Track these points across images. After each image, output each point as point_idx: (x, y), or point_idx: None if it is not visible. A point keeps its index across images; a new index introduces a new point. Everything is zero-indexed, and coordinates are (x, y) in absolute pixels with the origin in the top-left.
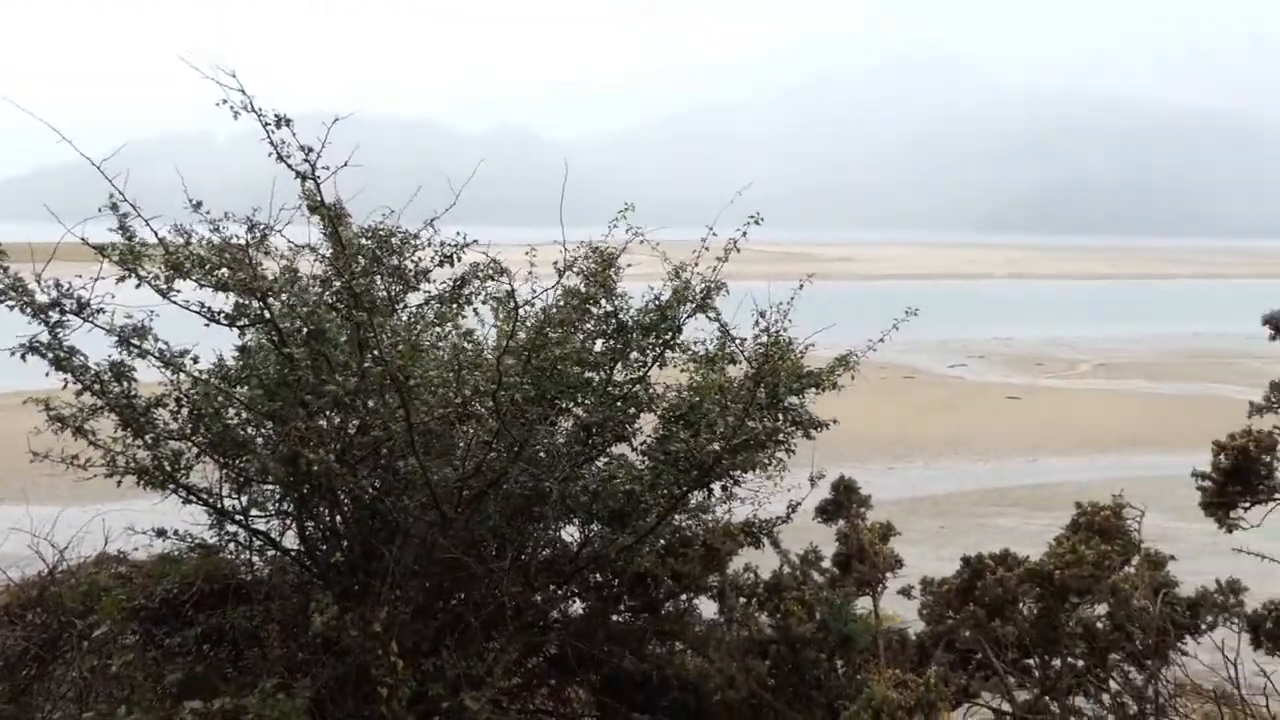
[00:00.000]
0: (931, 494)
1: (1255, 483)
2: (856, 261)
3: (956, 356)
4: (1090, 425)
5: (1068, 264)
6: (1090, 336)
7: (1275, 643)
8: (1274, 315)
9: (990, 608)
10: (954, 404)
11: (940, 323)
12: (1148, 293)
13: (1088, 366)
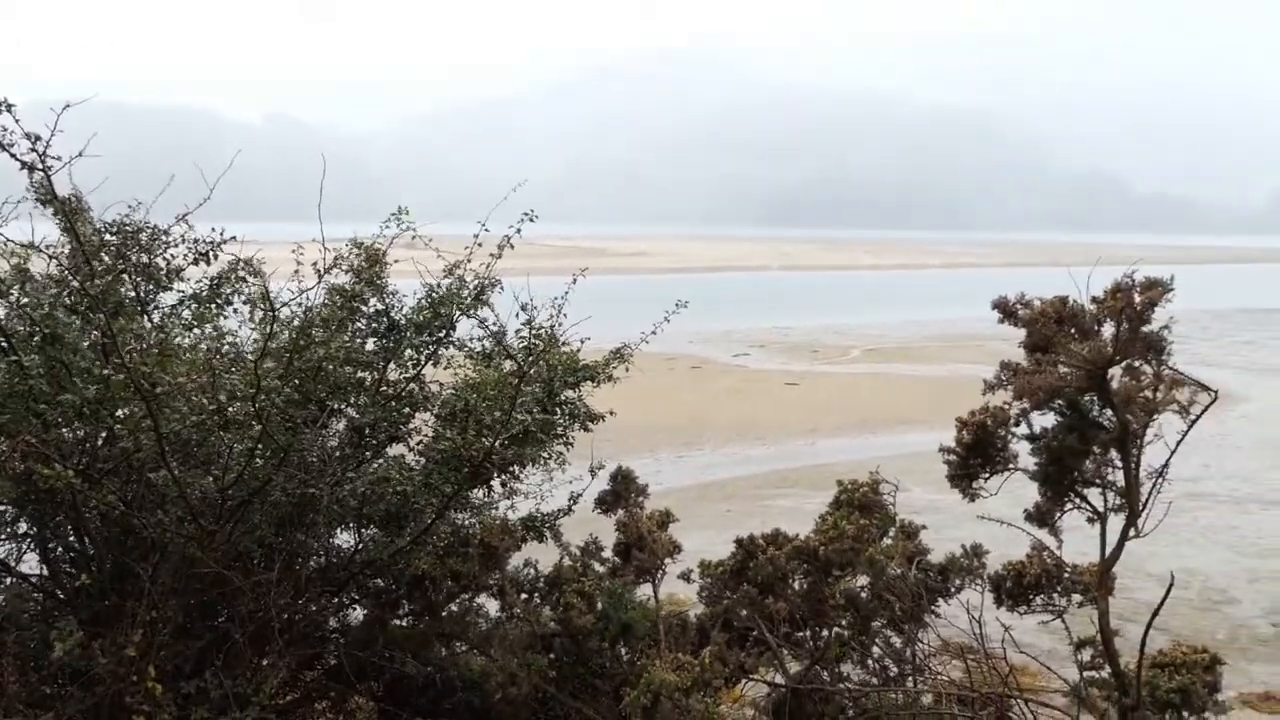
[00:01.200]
0: (719, 479)
1: (993, 454)
2: (649, 255)
3: (740, 346)
4: (862, 407)
5: (837, 256)
6: (859, 324)
7: (1014, 600)
8: (1002, 300)
9: (762, 586)
10: (738, 392)
11: (724, 314)
12: (908, 282)
13: (858, 352)
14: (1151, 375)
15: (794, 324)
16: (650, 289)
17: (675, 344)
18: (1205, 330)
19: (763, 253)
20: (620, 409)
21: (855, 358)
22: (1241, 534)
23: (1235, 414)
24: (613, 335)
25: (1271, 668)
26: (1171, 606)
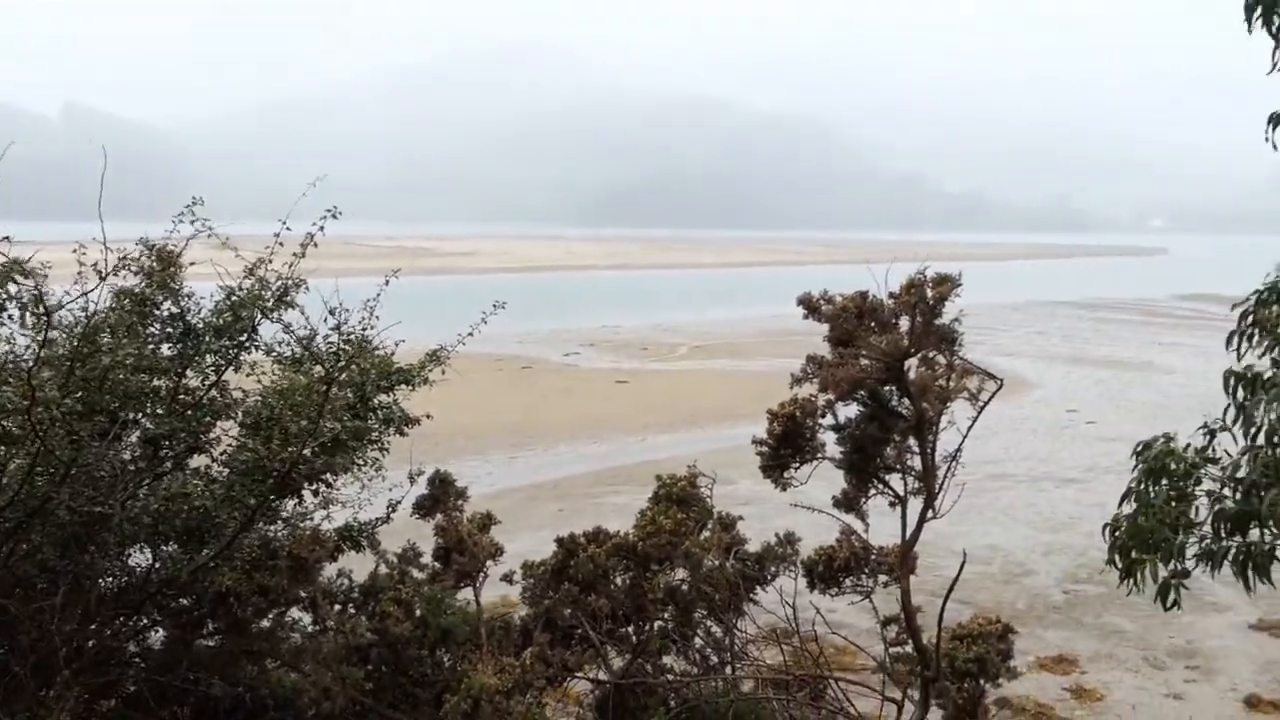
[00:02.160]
0: (552, 478)
1: (803, 445)
2: (477, 255)
3: (570, 345)
4: (691, 402)
5: (665, 255)
6: (688, 322)
7: (826, 583)
8: (805, 296)
9: (584, 584)
10: (570, 391)
11: (554, 314)
12: (735, 280)
13: (686, 349)
14: (945, 365)
15: (624, 323)
16: (479, 290)
17: (505, 345)
18: (1004, 322)
19: (593, 252)
20: (449, 411)
21: (684, 355)
22: (1038, 510)
23: (1031, 399)
24: (436, 338)
25: (1064, 632)
26: (977, 581)
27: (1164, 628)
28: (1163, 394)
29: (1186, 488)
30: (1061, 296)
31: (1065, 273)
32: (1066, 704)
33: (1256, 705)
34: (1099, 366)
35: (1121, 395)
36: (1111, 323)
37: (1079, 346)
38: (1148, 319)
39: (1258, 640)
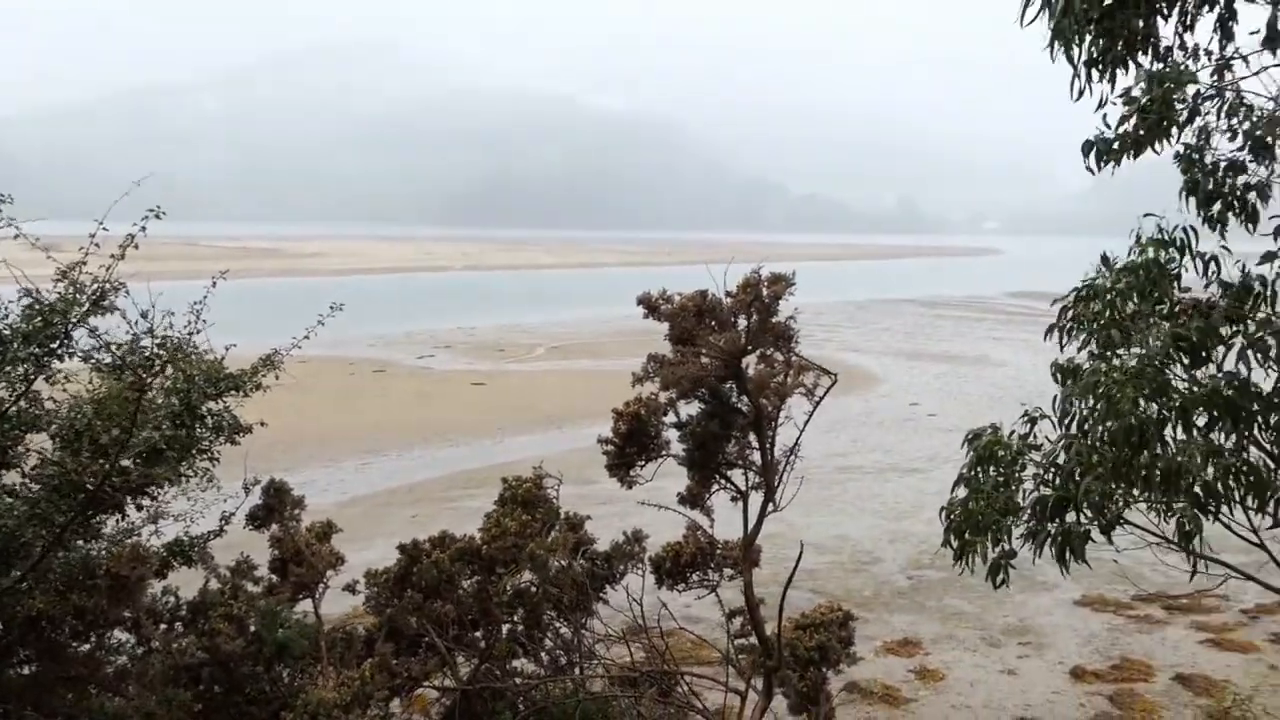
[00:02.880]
0: (406, 483)
1: (648, 443)
2: (327, 256)
3: (424, 348)
4: (548, 403)
5: (521, 255)
6: (545, 322)
7: (674, 579)
8: (645, 296)
9: (428, 590)
10: (425, 394)
11: (407, 316)
12: (592, 280)
13: (543, 350)
14: (783, 362)
15: (480, 324)
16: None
17: (357, 348)
18: (852, 319)
19: (446, 252)
20: (300, 418)
21: (542, 355)
22: (884, 500)
23: (877, 394)
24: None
25: (909, 616)
26: (828, 571)
27: (999, 607)
28: (997, 386)
29: (1012, 473)
30: (904, 295)
31: (907, 272)
32: (911, 685)
33: (1081, 676)
34: (939, 361)
35: (959, 388)
36: (949, 319)
37: (920, 342)
38: (982, 315)
39: (1082, 615)
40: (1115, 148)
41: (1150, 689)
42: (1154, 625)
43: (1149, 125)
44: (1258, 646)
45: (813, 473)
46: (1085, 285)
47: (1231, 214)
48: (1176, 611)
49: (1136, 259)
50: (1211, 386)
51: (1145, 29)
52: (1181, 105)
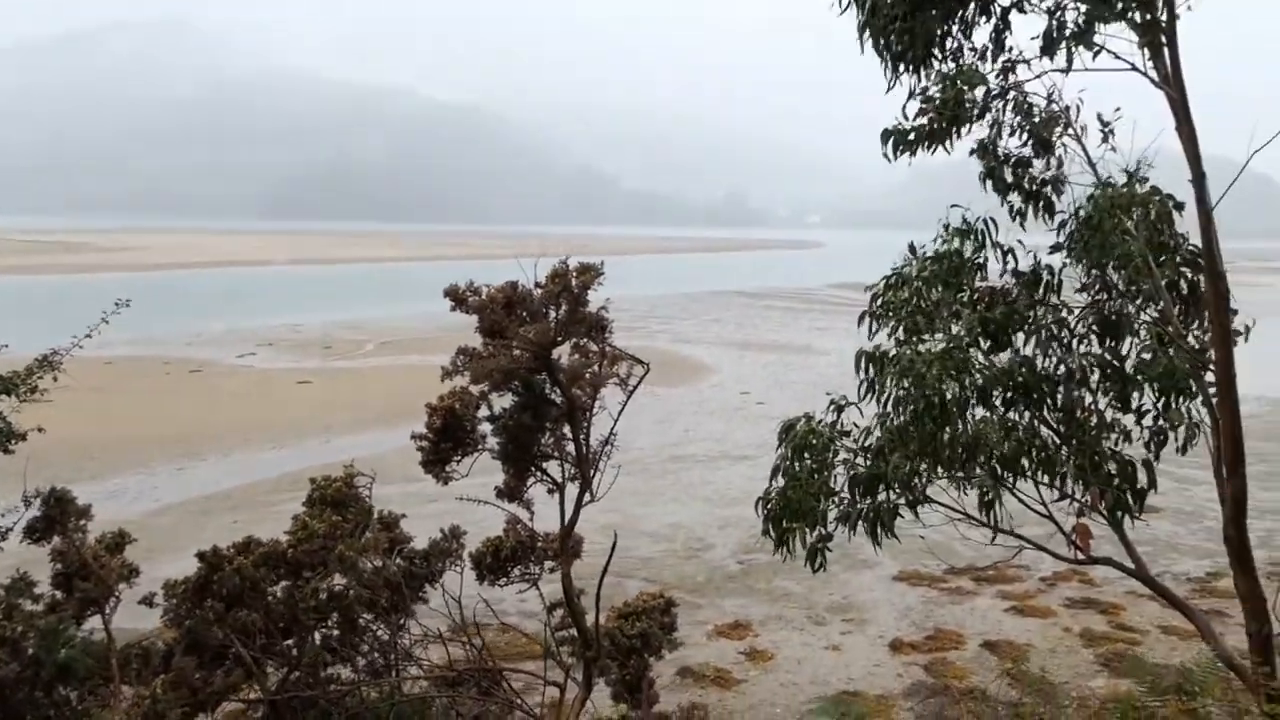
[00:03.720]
0: (226, 489)
1: (464, 437)
2: (139, 251)
3: (246, 346)
4: (379, 400)
5: (348, 249)
6: (374, 317)
7: (494, 574)
8: (452, 288)
9: (230, 598)
10: (246, 394)
11: (227, 313)
12: (423, 274)
13: (373, 346)
14: (596, 352)
15: (305, 320)
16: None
17: (172, 347)
18: (685, 311)
19: (267, 246)
20: (106, 422)
21: (371, 351)
22: (716, 488)
23: (709, 384)
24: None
25: (740, 600)
26: (662, 559)
27: (825, 587)
28: (820, 374)
29: (826, 459)
30: (735, 287)
31: (737, 265)
32: (742, 666)
33: (899, 648)
34: (767, 351)
35: (786, 376)
36: (777, 310)
37: (750, 333)
38: (808, 306)
39: (899, 590)
40: (911, 138)
41: (961, 656)
42: (964, 596)
43: (945, 119)
44: (1054, 611)
45: (647, 463)
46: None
47: (1030, 206)
48: (984, 582)
49: (941, 248)
50: (1008, 368)
51: (942, 32)
52: (970, 104)
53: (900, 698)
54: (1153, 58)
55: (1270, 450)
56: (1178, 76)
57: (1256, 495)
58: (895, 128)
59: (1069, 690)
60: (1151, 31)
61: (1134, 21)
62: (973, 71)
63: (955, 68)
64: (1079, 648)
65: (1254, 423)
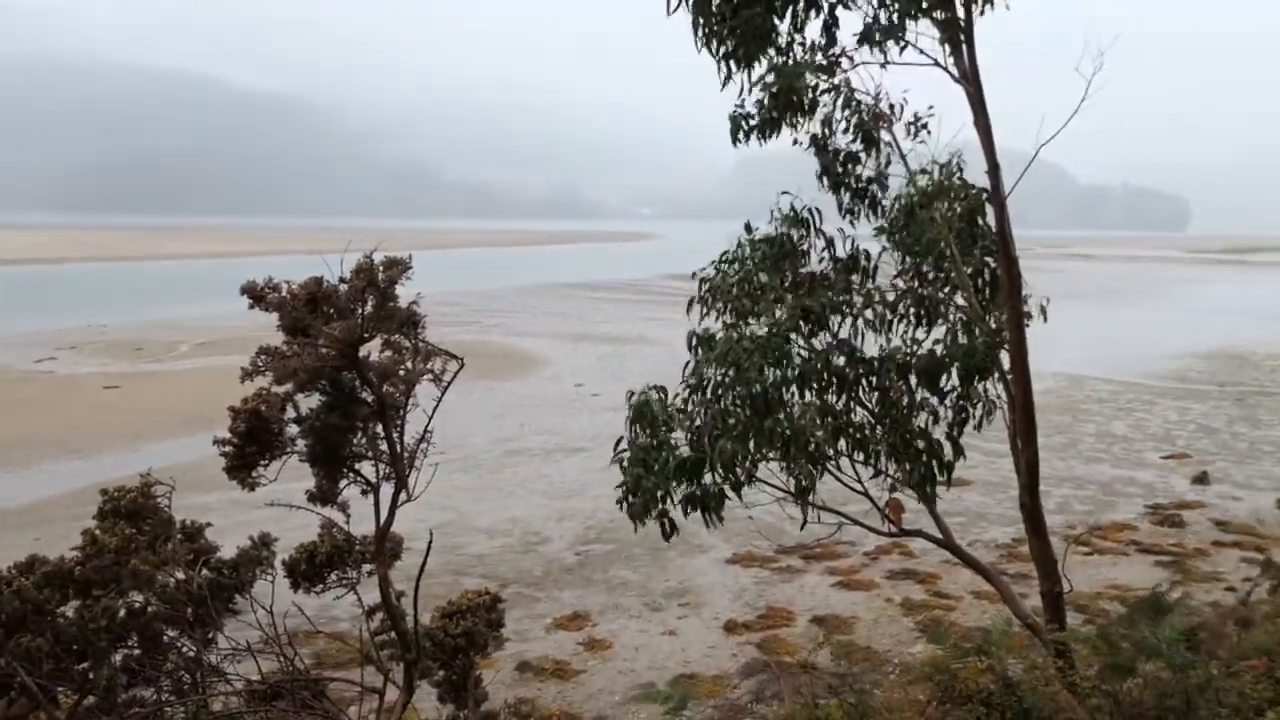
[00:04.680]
0: (20, 505)
1: (271, 441)
2: None
3: (44, 350)
4: (196, 404)
5: (154, 245)
6: (190, 316)
7: (310, 580)
8: (250, 285)
9: (10, 623)
10: (45, 402)
11: (20, 314)
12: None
13: (189, 347)
14: (409, 348)
15: (112, 321)
16: None
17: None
18: (518, 305)
19: (60, 243)
20: None
21: (187, 353)
22: (552, 481)
23: (544, 376)
24: None
25: (578, 591)
26: (499, 554)
27: (661, 574)
28: (655, 364)
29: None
30: (569, 279)
31: (570, 257)
32: (581, 657)
33: (733, 629)
34: (602, 343)
35: (621, 367)
36: (610, 302)
37: (584, 325)
38: (641, 297)
39: (733, 573)
40: (751, 125)
41: (792, 632)
42: (794, 574)
43: (779, 107)
44: (877, 584)
45: (481, 458)
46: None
47: (857, 203)
48: (813, 560)
49: (769, 233)
50: (825, 354)
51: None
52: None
53: (735, 676)
54: (953, 54)
55: (1066, 423)
56: (975, 73)
57: (1054, 464)
58: (737, 114)
59: (891, 657)
60: (951, 29)
61: (937, 19)
62: (802, 63)
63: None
64: (900, 617)
65: (1051, 398)
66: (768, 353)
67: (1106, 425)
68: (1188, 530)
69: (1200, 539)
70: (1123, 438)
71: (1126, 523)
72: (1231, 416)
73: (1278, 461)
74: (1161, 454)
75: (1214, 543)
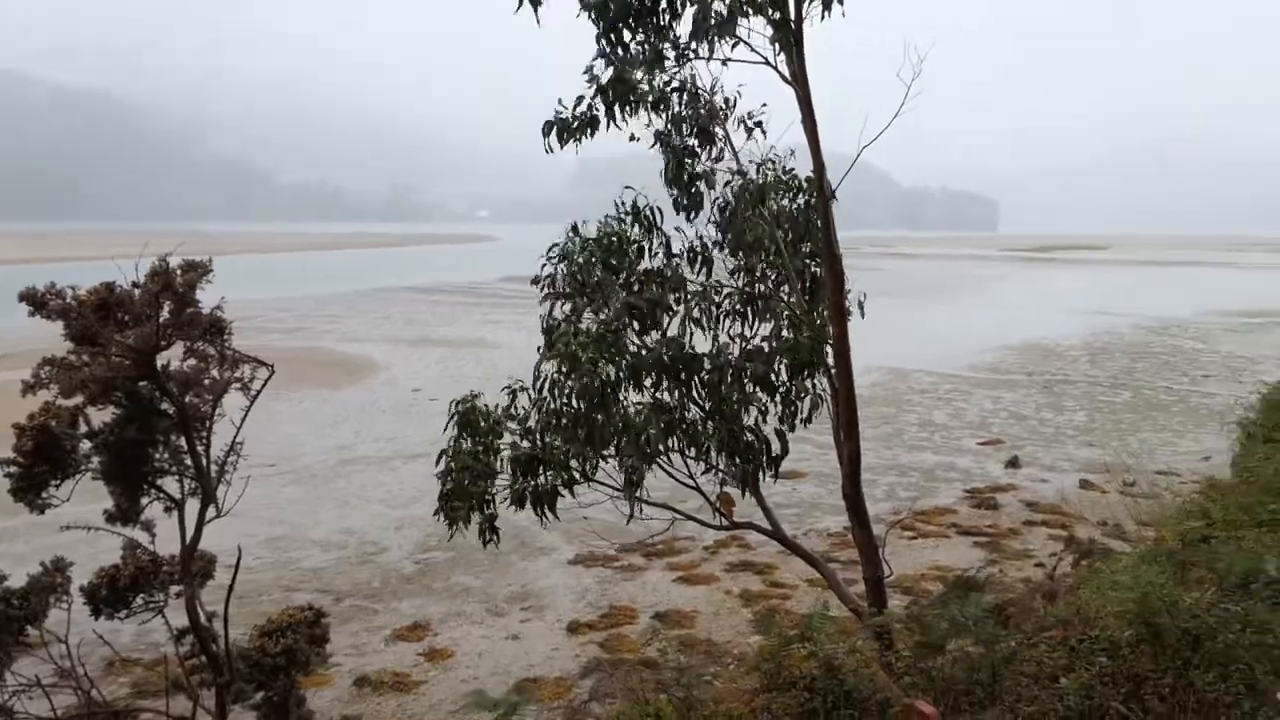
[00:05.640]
0: None
1: (63, 458)
2: None
3: None
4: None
5: None
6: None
7: (113, 606)
8: (29, 292)
9: None
10: None
11: None
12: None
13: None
14: (215, 356)
15: None
16: None
17: None
18: (353, 309)
19: None
20: None
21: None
22: (389, 489)
23: (379, 381)
24: None
25: (418, 601)
26: (335, 567)
27: (503, 578)
28: (493, 367)
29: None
30: (405, 283)
31: (407, 260)
32: (422, 668)
33: (576, 630)
34: (439, 346)
35: (460, 371)
36: (448, 305)
37: (421, 329)
38: (479, 300)
39: (575, 573)
40: (574, 126)
41: (635, 629)
42: (636, 572)
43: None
44: (717, 577)
45: (314, 469)
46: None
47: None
48: (654, 557)
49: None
50: (656, 351)
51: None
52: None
53: (578, 677)
54: (784, 54)
55: (891, 413)
56: (803, 74)
57: (881, 453)
58: (557, 118)
59: (731, 649)
60: (783, 30)
61: (771, 19)
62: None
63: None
64: (739, 608)
65: (878, 390)
66: (601, 349)
67: (928, 415)
68: (1002, 512)
69: (1013, 519)
70: (943, 426)
71: (947, 507)
72: (1039, 404)
73: (1080, 445)
74: (978, 440)
75: (1025, 522)
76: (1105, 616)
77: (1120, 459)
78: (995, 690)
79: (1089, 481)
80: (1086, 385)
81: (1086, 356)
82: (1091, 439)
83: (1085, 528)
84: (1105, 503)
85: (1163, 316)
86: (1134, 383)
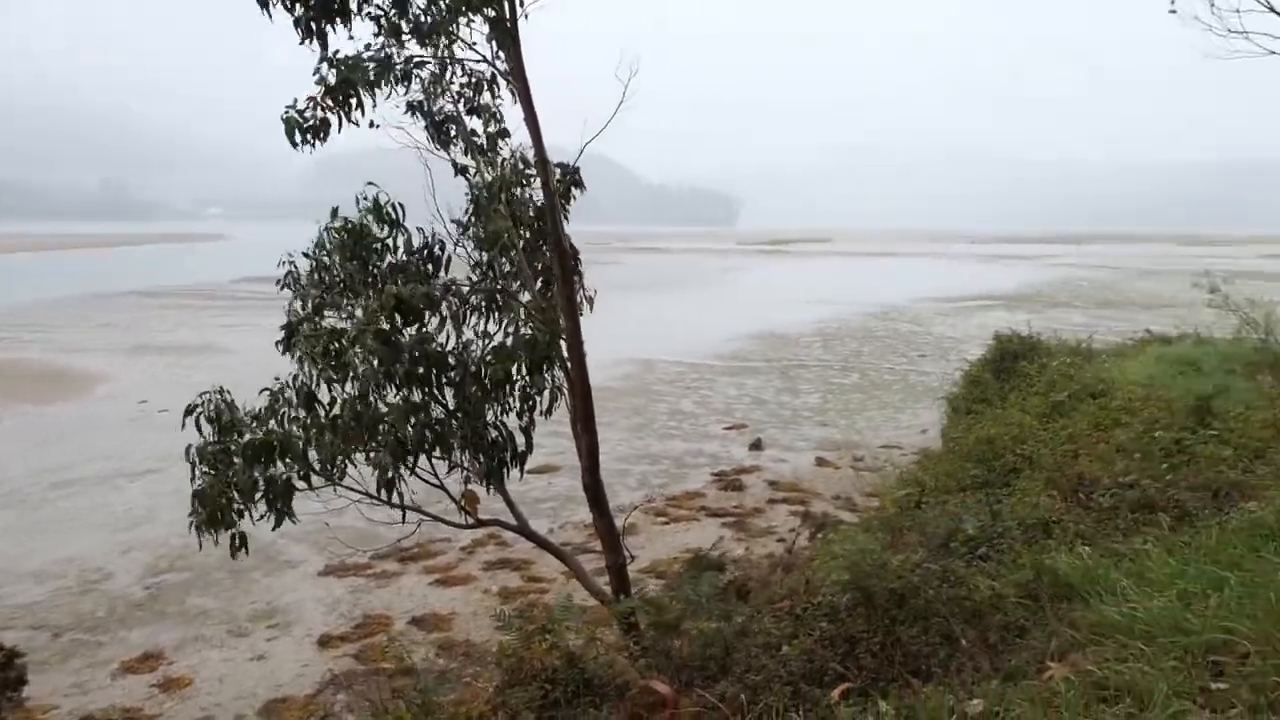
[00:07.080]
0: None
1: None
2: None
3: None
4: None
5: None
6: None
7: None
8: None
9: None
10: None
11: None
12: None
13: None
14: None
15: None
16: None
17: None
18: (65, 316)
19: None
20: None
21: None
22: (112, 511)
23: (99, 395)
24: None
25: (149, 629)
26: (53, 599)
27: (245, 596)
28: (230, 372)
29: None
30: (124, 287)
31: (127, 262)
32: (156, 700)
33: (328, 643)
34: (166, 353)
35: (190, 379)
36: (175, 309)
37: (145, 335)
38: (209, 303)
39: (326, 585)
40: (306, 128)
41: (390, 637)
42: (391, 578)
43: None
44: (475, 577)
45: (24, 494)
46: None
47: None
48: (409, 561)
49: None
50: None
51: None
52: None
53: (331, 692)
54: (503, 51)
55: (641, 404)
56: (521, 70)
57: (633, 444)
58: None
59: (490, 648)
60: (499, 28)
61: (488, 17)
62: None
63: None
64: (498, 606)
65: (627, 382)
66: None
67: (677, 403)
68: (747, 492)
69: (757, 499)
70: (690, 414)
71: (697, 491)
72: (778, 388)
73: (814, 425)
74: (724, 425)
75: (768, 501)
76: (829, 585)
77: (850, 436)
78: (727, 663)
79: (824, 459)
80: (819, 369)
81: (820, 342)
82: (825, 419)
83: (821, 503)
84: (838, 478)
85: (884, 303)
86: (861, 365)
